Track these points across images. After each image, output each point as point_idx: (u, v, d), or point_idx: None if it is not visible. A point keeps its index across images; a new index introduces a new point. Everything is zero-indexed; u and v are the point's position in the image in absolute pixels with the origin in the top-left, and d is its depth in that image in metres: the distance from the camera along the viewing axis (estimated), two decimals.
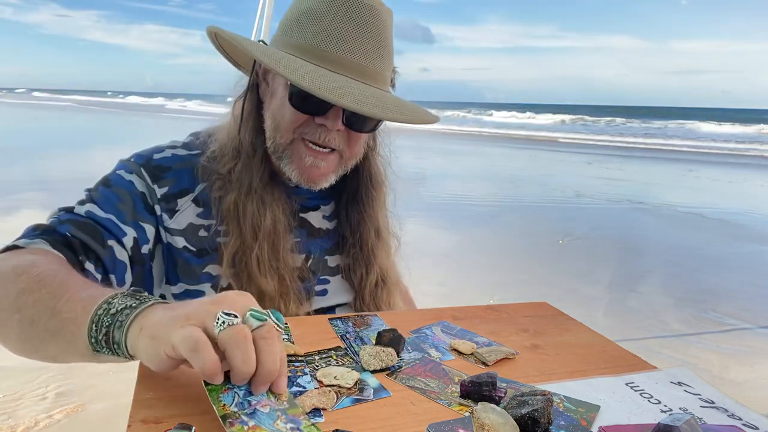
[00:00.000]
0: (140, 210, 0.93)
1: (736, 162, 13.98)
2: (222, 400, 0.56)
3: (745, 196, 8.97)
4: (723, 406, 0.67)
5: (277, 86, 0.94)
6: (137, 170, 0.96)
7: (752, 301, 3.98)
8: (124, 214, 0.91)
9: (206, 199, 0.97)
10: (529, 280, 4.25)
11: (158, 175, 0.96)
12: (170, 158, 0.99)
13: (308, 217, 1.07)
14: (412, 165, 11.04)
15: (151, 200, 0.95)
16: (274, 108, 0.94)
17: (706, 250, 5.37)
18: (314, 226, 1.07)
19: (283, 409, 0.58)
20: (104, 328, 0.61)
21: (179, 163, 0.99)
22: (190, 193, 0.97)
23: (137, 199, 0.94)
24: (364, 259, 1.07)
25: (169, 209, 0.96)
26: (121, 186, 0.94)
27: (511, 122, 28.93)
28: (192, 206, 0.97)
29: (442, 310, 0.96)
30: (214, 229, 0.96)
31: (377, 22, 0.89)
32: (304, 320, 0.90)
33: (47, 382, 2.41)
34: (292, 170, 0.94)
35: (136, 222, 0.92)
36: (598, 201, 7.63)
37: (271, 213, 0.96)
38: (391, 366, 0.73)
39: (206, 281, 0.96)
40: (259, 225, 0.94)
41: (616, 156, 14.51)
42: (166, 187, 0.96)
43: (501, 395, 0.66)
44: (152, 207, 0.95)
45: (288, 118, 0.91)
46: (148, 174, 0.96)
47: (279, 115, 0.93)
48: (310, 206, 1.07)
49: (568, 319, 0.97)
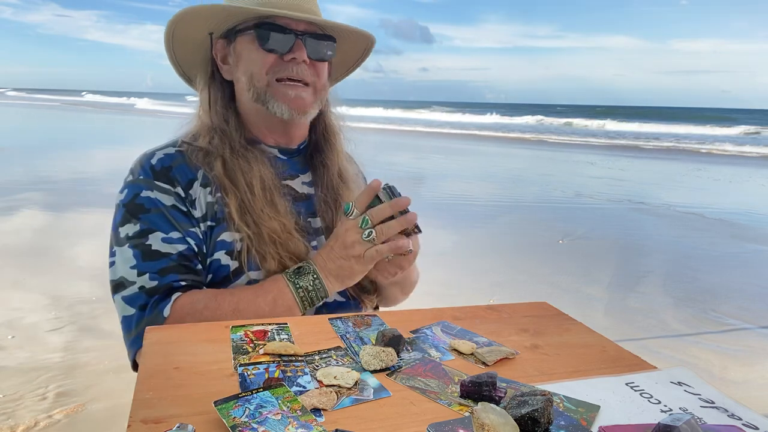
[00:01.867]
0: (182, 220, 1.00)
1: (737, 162, 13.98)
2: (232, 414, 0.57)
3: (745, 196, 8.97)
4: (723, 406, 0.67)
5: (240, 49, 1.06)
6: (153, 185, 1.01)
7: (752, 301, 3.98)
8: (177, 228, 1.00)
9: (207, 179, 1.04)
10: (529, 280, 4.25)
11: (168, 176, 1.02)
12: (164, 158, 1.05)
13: (291, 184, 1.14)
14: (412, 165, 11.04)
15: (183, 205, 1.01)
16: (244, 64, 1.06)
17: (706, 250, 5.37)
18: (298, 191, 1.14)
19: (296, 416, 0.58)
20: (310, 301, 1.00)
21: (174, 160, 1.05)
22: (196, 180, 1.04)
23: (173, 213, 1.00)
24: (333, 205, 1.15)
25: (191, 202, 1.02)
26: (156, 205, 1.00)
27: (512, 124, 28.91)
28: (201, 190, 1.03)
29: (442, 310, 0.96)
30: (221, 201, 1.03)
31: None
32: (304, 320, 0.90)
33: (47, 382, 2.41)
34: (280, 107, 1.05)
35: (187, 231, 1.00)
36: (598, 201, 7.63)
37: (257, 169, 1.05)
38: (391, 366, 0.73)
39: (221, 248, 1.02)
40: (251, 179, 1.03)
41: (617, 156, 14.51)
42: (179, 185, 1.02)
43: (501, 395, 0.66)
44: (186, 211, 1.01)
45: (260, 63, 1.04)
46: (163, 181, 1.02)
47: (251, 65, 1.04)
48: (290, 175, 1.14)
49: (568, 319, 0.97)
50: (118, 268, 0.98)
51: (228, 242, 1.01)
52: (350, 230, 0.99)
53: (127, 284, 0.97)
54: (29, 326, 2.99)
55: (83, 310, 3.22)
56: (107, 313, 3.20)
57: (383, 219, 0.98)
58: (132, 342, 0.96)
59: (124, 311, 0.97)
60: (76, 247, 4.36)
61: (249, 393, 0.62)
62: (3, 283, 3.59)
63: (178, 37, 1.08)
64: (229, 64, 1.09)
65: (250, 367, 0.71)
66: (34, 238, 4.69)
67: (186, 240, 0.99)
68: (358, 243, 0.98)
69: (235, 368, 0.70)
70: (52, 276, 3.75)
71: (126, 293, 0.97)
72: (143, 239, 0.98)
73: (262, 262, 1.01)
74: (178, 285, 0.97)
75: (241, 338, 0.79)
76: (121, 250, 0.98)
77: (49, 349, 2.73)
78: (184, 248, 0.99)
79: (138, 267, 0.96)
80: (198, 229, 1.01)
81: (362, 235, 0.97)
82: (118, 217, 1.01)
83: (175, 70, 1.16)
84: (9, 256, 4.13)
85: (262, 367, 0.71)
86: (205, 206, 1.02)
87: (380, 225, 0.98)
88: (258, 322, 0.86)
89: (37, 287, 3.53)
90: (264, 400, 0.60)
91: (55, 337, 2.87)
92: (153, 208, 0.99)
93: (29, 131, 15.69)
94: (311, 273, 1.00)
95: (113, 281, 0.99)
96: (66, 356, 2.67)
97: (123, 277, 0.97)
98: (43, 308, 3.22)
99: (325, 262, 1.01)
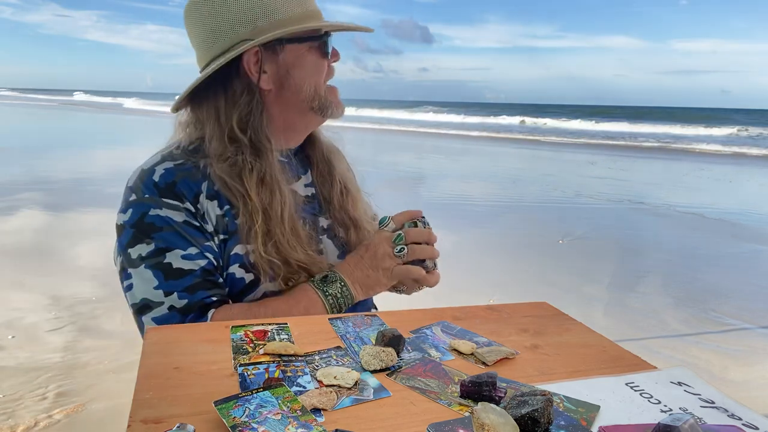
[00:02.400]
0: (196, 235, 0.98)
1: (737, 162, 13.98)
2: (232, 414, 0.57)
3: (745, 196, 8.97)
4: (723, 406, 0.67)
5: (292, 59, 1.04)
6: (161, 203, 0.97)
7: (752, 301, 3.98)
8: (194, 243, 0.97)
9: (212, 192, 1.01)
10: (529, 280, 4.26)
11: (174, 192, 0.98)
12: (166, 174, 1.00)
13: (294, 187, 1.12)
14: (412, 165, 11.04)
15: (195, 220, 0.99)
16: (304, 74, 1.05)
17: (706, 250, 5.37)
18: (301, 195, 1.13)
19: (296, 416, 0.58)
20: (338, 307, 1.01)
21: (176, 175, 1.00)
22: (201, 193, 1.00)
23: (186, 229, 0.97)
24: (339, 216, 1.16)
25: (201, 216, 0.99)
26: (168, 223, 0.97)
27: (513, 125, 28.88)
28: (208, 202, 1.00)
29: (442, 310, 0.96)
30: (230, 213, 1.01)
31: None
32: (304, 320, 0.90)
33: (47, 382, 2.41)
34: (336, 110, 1.10)
35: (204, 246, 0.98)
36: (598, 201, 7.63)
37: (288, 192, 1.04)
38: (391, 366, 0.73)
39: (234, 262, 1.00)
40: (284, 203, 1.02)
41: (617, 156, 14.51)
42: (187, 200, 0.99)
43: (501, 395, 0.66)
44: (199, 226, 0.99)
45: (322, 72, 1.07)
46: (170, 198, 0.98)
47: (313, 75, 1.06)
48: (293, 177, 1.13)
49: (568, 319, 0.97)
50: (138, 290, 0.95)
51: (241, 255, 1.00)
52: (383, 243, 1.03)
53: (153, 305, 0.94)
54: (29, 326, 2.99)
55: (83, 310, 3.22)
56: (107, 313, 3.20)
57: (416, 241, 1.03)
58: None
59: None
60: (76, 247, 4.36)
61: (249, 393, 0.62)
62: (3, 283, 3.60)
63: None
64: (267, 73, 1.04)
65: (250, 367, 0.71)
66: (34, 238, 4.69)
67: (205, 255, 0.97)
68: (389, 257, 1.02)
69: (235, 368, 0.70)
70: (52, 276, 3.75)
71: (156, 314, 0.94)
72: (161, 258, 0.95)
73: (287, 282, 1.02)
74: (210, 301, 0.96)
75: (241, 338, 0.79)
76: (137, 271, 0.95)
77: (49, 349, 2.73)
78: (205, 263, 0.97)
79: (162, 287, 0.94)
80: (213, 243, 0.99)
81: (395, 250, 1.02)
82: (126, 238, 0.97)
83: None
84: (9, 256, 4.13)
85: (262, 367, 0.71)
86: (215, 219, 1.00)
87: (413, 245, 1.03)
88: (258, 322, 0.86)
89: (37, 287, 3.53)
90: (264, 400, 0.60)
91: (55, 337, 2.87)
92: (165, 226, 0.96)
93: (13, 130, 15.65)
94: (338, 281, 1.02)
95: (135, 305, 0.95)
96: (66, 356, 2.67)
97: (147, 299, 0.94)
98: (43, 308, 3.22)
99: (352, 270, 1.03)
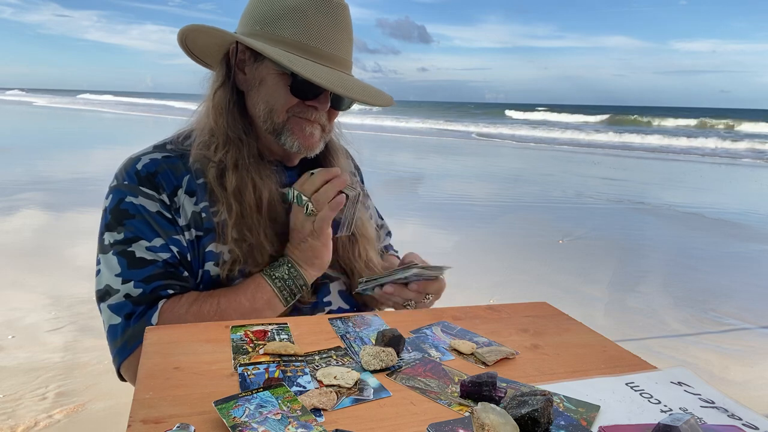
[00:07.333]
0: (166, 227, 0.99)
1: (737, 162, 13.98)
2: (232, 414, 0.57)
3: (745, 195, 8.96)
4: (723, 406, 0.67)
5: (264, 74, 1.03)
6: (138, 191, 1.00)
7: (752, 301, 3.98)
8: (161, 235, 0.99)
9: (193, 188, 1.03)
10: (529, 280, 4.25)
11: (153, 182, 1.01)
12: (150, 164, 1.03)
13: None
14: (412, 165, 11.05)
15: (167, 212, 1.00)
16: (265, 94, 1.04)
17: (706, 250, 5.37)
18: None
19: (296, 416, 0.58)
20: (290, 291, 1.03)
21: (159, 166, 1.03)
22: (180, 187, 1.02)
23: (157, 219, 0.99)
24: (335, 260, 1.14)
25: (176, 210, 1.01)
26: (140, 212, 0.99)
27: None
28: (186, 198, 1.02)
29: (442, 310, 0.96)
30: (207, 211, 1.02)
31: (346, 17, 1.03)
32: (304, 320, 0.90)
33: (47, 382, 2.41)
34: (293, 141, 1.05)
35: (171, 238, 0.99)
36: (598, 201, 7.63)
37: (267, 187, 1.05)
38: (391, 366, 0.73)
39: (210, 260, 1.02)
40: (261, 198, 1.03)
41: (616, 156, 14.51)
42: (164, 192, 1.01)
43: (501, 395, 0.66)
44: (171, 218, 1.00)
45: (283, 102, 1.02)
46: (148, 187, 1.00)
47: (273, 99, 1.03)
48: (289, 183, 1.13)
49: (568, 319, 0.97)
50: (104, 276, 0.98)
51: (216, 253, 1.01)
52: (295, 214, 1.04)
53: (112, 292, 0.96)
54: (29, 326, 2.99)
55: (83, 310, 3.22)
56: None
57: (315, 190, 1.02)
58: (118, 351, 0.96)
59: (110, 320, 0.96)
60: (76, 247, 4.36)
61: (249, 393, 0.62)
62: (3, 283, 3.59)
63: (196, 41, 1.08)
64: (245, 75, 1.06)
65: (250, 367, 0.71)
66: (34, 238, 4.69)
67: (169, 248, 0.99)
68: (306, 221, 1.02)
69: (235, 368, 0.71)
70: (52, 276, 3.75)
71: (111, 302, 0.96)
72: (126, 246, 0.97)
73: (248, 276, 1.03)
74: (165, 293, 0.98)
75: (241, 338, 0.79)
76: (106, 258, 0.98)
77: (48, 349, 2.73)
78: (168, 256, 0.98)
79: (123, 275, 0.96)
80: (182, 237, 1.00)
81: (304, 212, 1.02)
82: (103, 222, 1.01)
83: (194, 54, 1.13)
84: (9, 256, 4.13)
85: (262, 367, 0.71)
86: (189, 215, 1.01)
87: (314, 194, 1.02)
88: (258, 322, 0.86)
89: (37, 287, 3.53)
90: (264, 400, 0.60)
91: (55, 337, 2.87)
92: (137, 214, 0.98)
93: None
94: (285, 264, 1.04)
95: (99, 291, 0.98)
96: (66, 356, 2.67)
97: (108, 286, 0.97)
98: (43, 308, 3.22)
99: (292, 251, 1.05)
